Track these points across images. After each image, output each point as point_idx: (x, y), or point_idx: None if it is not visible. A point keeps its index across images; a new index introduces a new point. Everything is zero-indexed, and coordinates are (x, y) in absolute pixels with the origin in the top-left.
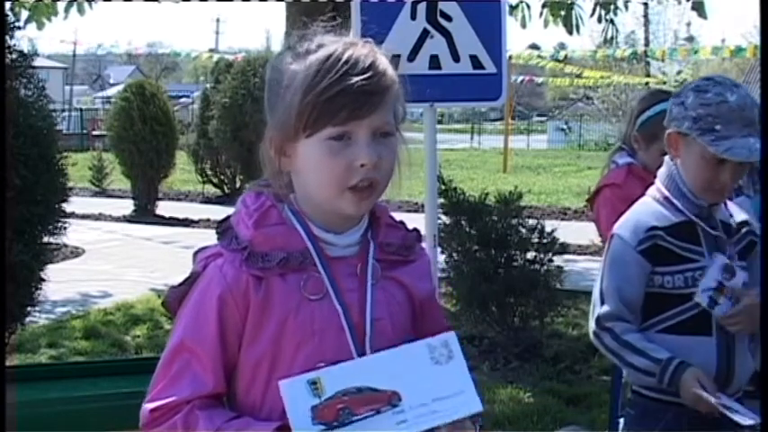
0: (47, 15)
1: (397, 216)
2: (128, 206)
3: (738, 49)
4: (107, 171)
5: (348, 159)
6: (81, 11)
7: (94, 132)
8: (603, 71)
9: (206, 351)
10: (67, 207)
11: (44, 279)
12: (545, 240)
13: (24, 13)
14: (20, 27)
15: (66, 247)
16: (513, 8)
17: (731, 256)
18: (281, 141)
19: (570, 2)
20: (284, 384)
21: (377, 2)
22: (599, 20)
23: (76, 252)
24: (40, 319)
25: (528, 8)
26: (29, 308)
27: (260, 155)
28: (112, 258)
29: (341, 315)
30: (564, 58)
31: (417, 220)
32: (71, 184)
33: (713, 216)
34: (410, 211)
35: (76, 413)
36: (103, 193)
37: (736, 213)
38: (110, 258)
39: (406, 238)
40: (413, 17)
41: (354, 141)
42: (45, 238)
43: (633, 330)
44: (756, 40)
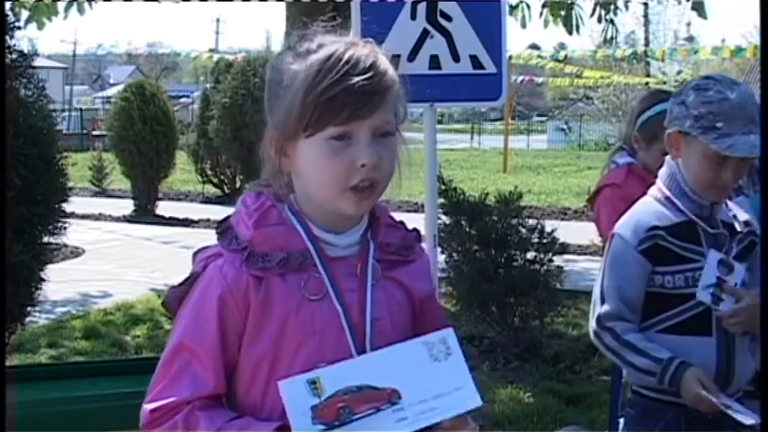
0: (47, 15)
1: (397, 216)
2: (128, 206)
3: (738, 49)
4: (107, 171)
5: (349, 159)
6: (81, 11)
7: (94, 132)
8: (603, 71)
9: (206, 351)
10: (67, 207)
11: (44, 279)
12: (545, 240)
13: (24, 13)
14: (20, 27)
15: (67, 247)
16: (513, 8)
17: (728, 252)
18: (281, 141)
19: (570, 2)
20: (284, 384)
21: (377, 2)
22: (599, 20)
23: (76, 252)
24: (40, 319)
25: (528, 8)
26: (29, 308)
27: (260, 155)
28: (112, 258)
29: (341, 315)
30: (564, 58)
31: (417, 220)
32: (71, 184)
33: (714, 216)
34: (410, 211)
35: (76, 413)
36: (103, 193)
37: (739, 213)
38: (110, 258)
39: (405, 238)
40: (413, 17)
41: (355, 141)
42: (45, 238)
43: (634, 330)
44: (756, 40)
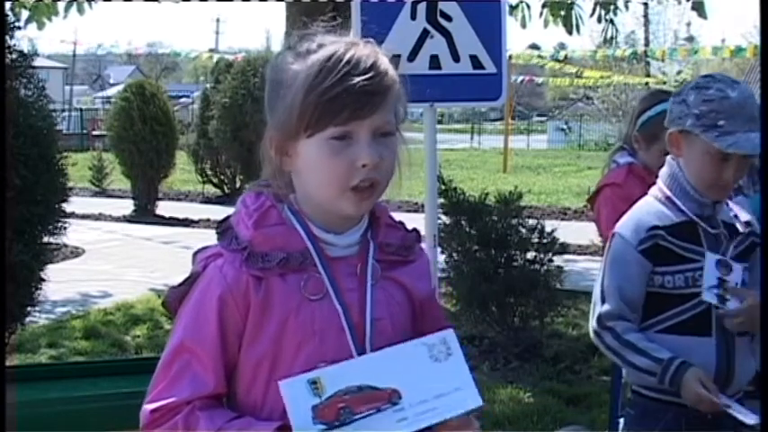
0: (47, 15)
1: (397, 216)
2: (128, 206)
3: (738, 49)
4: (107, 171)
5: (349, 159)
6: (81, 11)
7: (94, 132)
8: (603, 71)
9: (206, 351)
10: (67, 207)
11: (44, 279)
12: (545, 240)
13: (24, 13)
14: (20, 27)
15: (67, 247)
16: (513, 8)
17: (725, 253)
18: (281, 141)
19: (570, 2)
20: (284, 384)
21: (377, 2)
22: (599, 20)
23: (76, 252)
24: (40, 319)
25: (528, 8)
26: (29, 308)
27: (260, 155)
28: (112, 258)
29: (341, 315)
30: (564, 58)
31: (417, 220)
32: (71, 184)
33: (715, 216)
34: (410, 211)
35: (76, 413)
36: (103, 193)
37: (740, 213)
38: (110, 258)
39: (405, 239)
40: (413, 17)
41: (356, 141)
42: (45, 238)
43: (634, 330)
44: (756, 40)
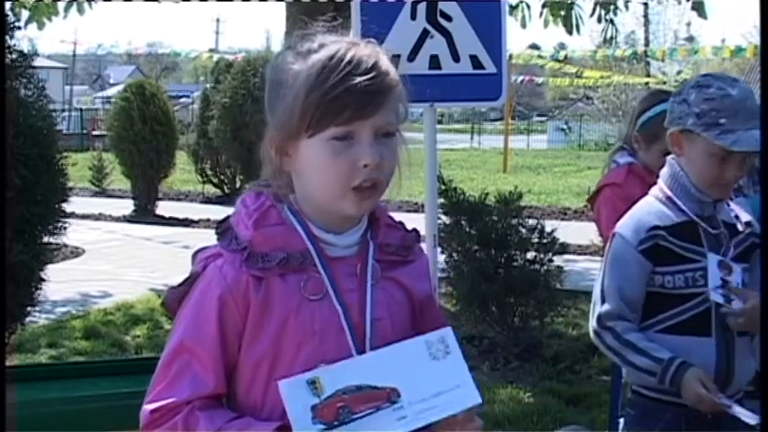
0: (47, 15)
1: (397, 216)
2: (128, 206)
3: (738, 49)
4: (107, 171)
5: (351, 159)
6: (81, 11)
7: (94, 132)
8: (603, 71)
9: (206, 351)
10: (67, 207)
11: (44, 279)
12: (545, 240)
13: (24, 13)
14: (20, 27)
15: (66, 247)
16: (513, 8)
17: (725, 253)
18: (282, 141)
19: (570, 2)
20: (283, 384)
21: (377, 2)
22: (599, 20)
23: (76, 252)
24: (40, 319)
25: (528, 8)
26: (29, 308)
27: (260, 154)
28: (112, 258)
29: (341, 315)
30: (564, 58)
31: (417, 220)
32: (71, 184)
33: (715, 216)
34: (410, 211)
35: (76, 413)
36: (103, 193)
37: (741, 214)
38: (110, 258)
39: (405, 239)
40: (413, 17)
41: (357, 141)
42: (45, 238)
43: (634, 330)
44: (756, 40)
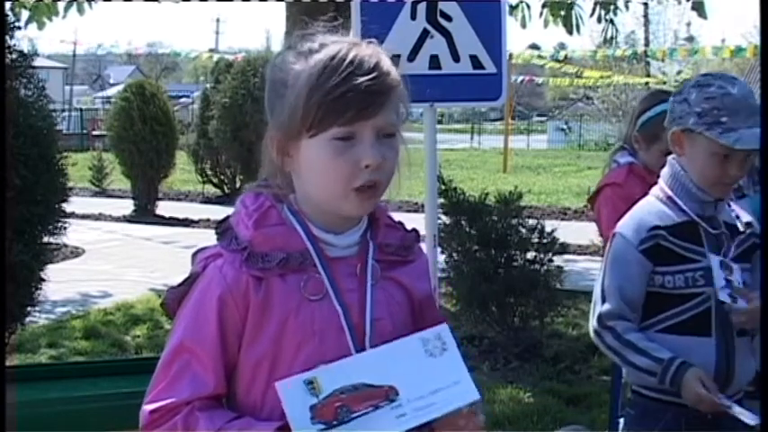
0: (47, 15)
1: (397, 216)
2: (128, 206)
3: (738, 49)
4: (107, 171)
5: (353, 160)
6: (81, 11)
7: (94, 132)
8: (603, 71)
9: (206, 351)
10: (67, 207)
11: (44, 279)
12: (545, 240)
13: (24, 13)
14: (20, 27)
15: (66, 247)
16: (513, 8)
17: (726, 254)
18: (283, 141)
19: (570, 2)
20: (281, 385)
21: (377, 2)
22: (599, 20)
23: (76, 252)
24: (40, 319)
25: (528, 8)
26: (29, 308)
27: (262, 154)
28: (112, 258)
29: (341, 315)
30: (564, 58)
31: (417, 220)
32: (71, 184)
33: (716, 216)
34: (410, 211)
35: (76, 413)
36: (103, 193)
37: (742, 214)
38: (110, 258)
39: (404, 239)
40: (413, 17)
41: (359, 142)
42: (45, 238)
43: (634, 329)
44: (756, 40)
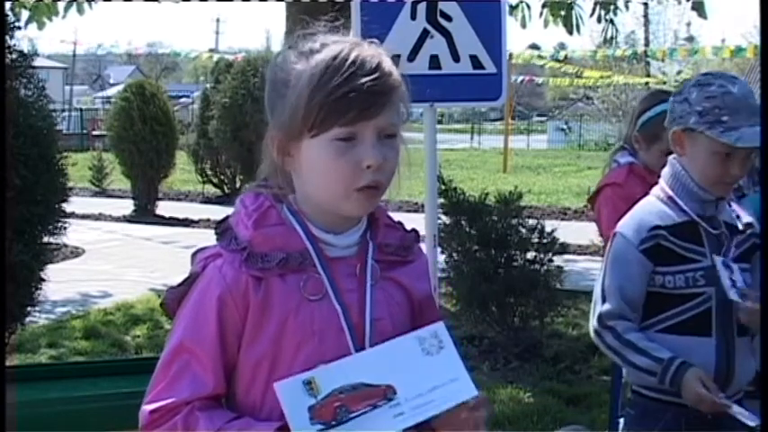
0: (47, 15)
1: (397, 216)
2: (128, 206)
3: (738, 49)
4: (107, 171)
5: (355, 160)
6: (81, 11)
7: (94, 132)
8: (603, 71)
9: (206, 352)
10: (67, 207)
11: (44, 279)
12: (545, 240)
13: (24, 13)
14: (20, 27)
15: (67, 247)
16: (513, 8)
17: (726, 254)
18: (284, 141)
19: (570, 2)
20: (280, 386)
21: (377, 2)
22: (599, 20)
23: (76, 252)
24: (40, 319)
25: (528, 8)
26: (29, 308)
27: (262, 154)
28: (112, 258)
29: (340, 315)
30: (564, 58)
31: (417, 220)
32: (71, 184)
33: (717, 216)
34: (410, 211)
35: (76, 413)
36: (103, 193)
37: (742, 215)
38: (110, 258)
39: (404, 239)
40: (413, 17)
41: (360, 142)
42: (45, 238)
43: (635, 329)
44: (756, 40)
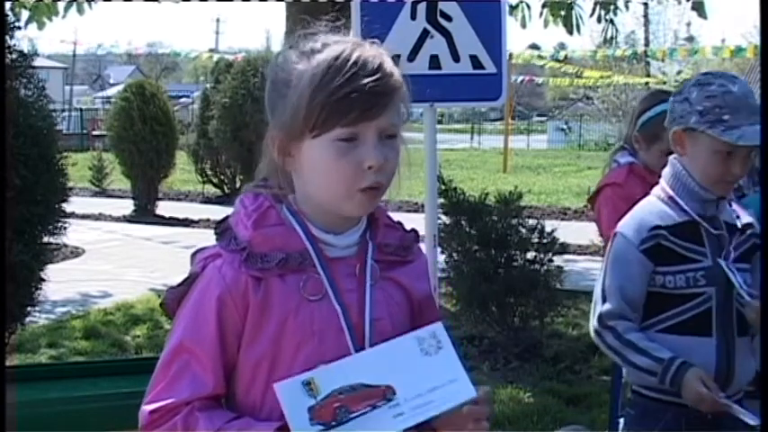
0: (47, 15)
1: (397, 216)
2: (128, 206)
3: (738, 49)
4: (107, 171)
5: (356, 161)
6: (81, 11)
7: (94, 132)
8: (603, 71)
9: (205, 352)
10: (67, 207)
11: (44, 279)
12: (545, 240)
13: (24, 13)
14: (20, 27)
15: (67, 247)
16: (513, 8)
17: (727, 254)
18: (285, 141)
19: (570, 2)
20: (279, 387)
21: (377, 2)
22: (599, 20)
23: (76, 252)
24: (40, 319)
25: (528, 8)
26: (29, 308)
27: (262, 154)
28: (112, 258)
29: (340, 315)
30: (564, 58)
31: (417, 220)
32: (71, 184)
33: (717, 216)
34: (410, 211)
35: (76, 413)
36: (103, 193)
37: (743, 215)
38: (110, 258)
39: (403, 239)
40: (413, 17)
41: (362, 143)
42: (45, 238)
43: (635, 329)
44: (756, 40)
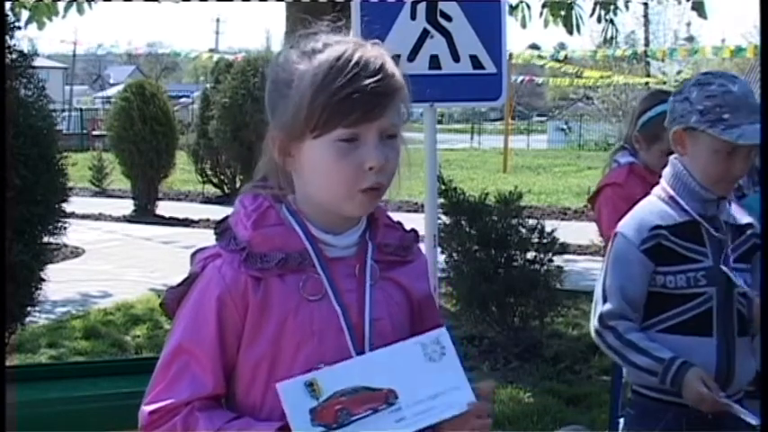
0: (47, 15)
1: (397, 216)
2: (128, 206)
3: (738, 49)
4: (107, 171)
5: (357, 162)
6: (81, 11)
7: (94, 132)
8: (603, 71)
9: (205, 352)
10: (67, 207)
11: (44, 279)
12: (545, 240)
13: (24, 13)
14: (20, 27)
15: (67, 247)
16: (513, 8)
17: (727, 254)
18: (285, 141)
19: (570, 2)
20: (282, 387)
21: (377, 2)
22: (599, 20)
23: (76, 252)
24: (40, 319)
25: (528, 8)
26: (29, 308)
27: (262, 154)
28: (112, 258)
29: (340, 316)
30: (564, 58)
31: (417, 220)
32: (71, 184)
33: (718, 216)
34: (410, 211)
35: (76, 413)
36: (103, 193)
37: (742, 216)
38: (110, 258)
39: (403, 239)
40: (413, 17)
41: (363, 143)
42: (45, 238)
43: (636, 329)
44: (756, 40)
